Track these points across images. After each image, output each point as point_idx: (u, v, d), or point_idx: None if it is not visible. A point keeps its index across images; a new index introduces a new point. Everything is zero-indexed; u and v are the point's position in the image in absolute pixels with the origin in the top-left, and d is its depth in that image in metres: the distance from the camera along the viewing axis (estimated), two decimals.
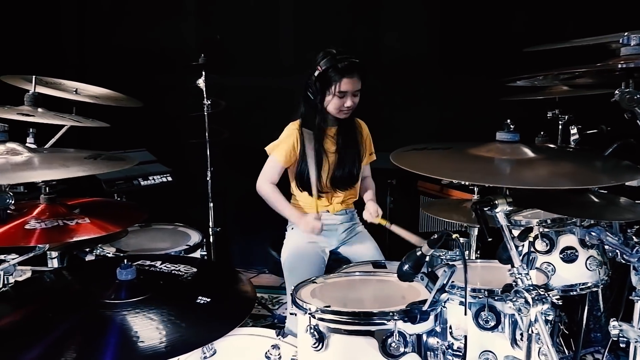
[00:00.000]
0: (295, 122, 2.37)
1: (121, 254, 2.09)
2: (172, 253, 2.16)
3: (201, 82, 3.09)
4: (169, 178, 2.90)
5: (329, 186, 2.38)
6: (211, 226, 3.22)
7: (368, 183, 2.57)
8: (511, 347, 1.51)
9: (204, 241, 2.30)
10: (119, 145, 2.65)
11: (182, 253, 2.17)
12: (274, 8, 3.73)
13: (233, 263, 3.90)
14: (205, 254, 2.31)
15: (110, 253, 2.10)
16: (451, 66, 3.52)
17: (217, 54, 3.25)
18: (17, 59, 3.09)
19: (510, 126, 1.33)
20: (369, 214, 2.36)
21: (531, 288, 1.20)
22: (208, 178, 3.20)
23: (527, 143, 1.38)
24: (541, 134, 2.53)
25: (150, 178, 2.83)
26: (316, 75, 2.25)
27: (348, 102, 2.27)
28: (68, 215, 1.54)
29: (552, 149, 1.80)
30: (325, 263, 2.36)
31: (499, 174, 1.25)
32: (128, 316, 1.17)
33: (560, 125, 2.63)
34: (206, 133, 3.16)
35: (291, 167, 2.40)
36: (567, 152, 1.78)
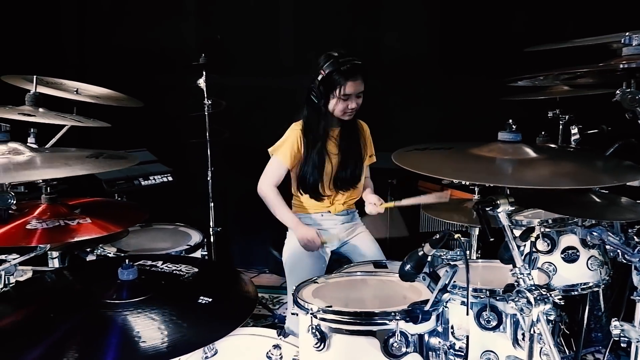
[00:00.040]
0: (298, 123, 2.37)
1: (122, 254, 2.09)
2: (173, 253, 2.16)
3: (202, 82, 3.09)
4: (170, 178, 2.90)
5: (332, 187, 2.39)
6: (212, 226, 3.22)
7: (366, 183, 2.57)
8: (513, 347, 1.51)
9: (205, 241, 2.30)
10: (120, 145, 2.63)
11: (183, 253, 2.16)
12: (274, 8, 3.72)
13: (233, 263, 3.90)
14: (206, 254, 2.31)
15: (111, 253, 2.10)
16: (451, 66, 3.52)
17: (218, 54, 3.25)
18: (18, 59, 3.09)
19: (512, 126, 1.33)
20: (373, 205, 2.35)
21: (533, 288, 1.20)
22: (209, 178, 3.20)
23: (529, 143, 1.38)
24: (542, 134, 2.53)
25: (150, 178, 2.83)
26: (319, 79, 2.25)
27: (352, 104, 2.28)
28: (69, 215, 1.53)
29: (554, 149, 1.80)
30: (326, 263, 2.37)
31: (501, 174, 1.25)
32: (130, 316, 1.17)
33: (560, 125, 2.64)
34: (207, 133, 3.16)
35: (293, 169, 2.39)
36: (569, 152, 1.78)
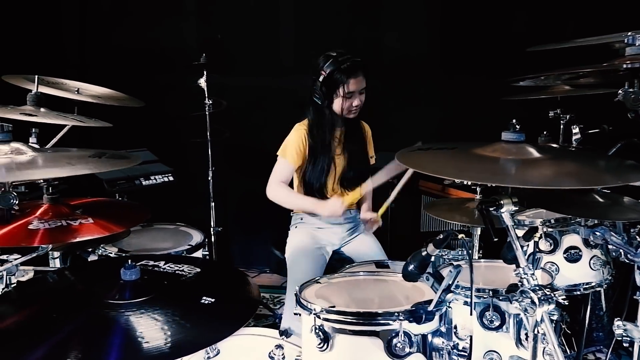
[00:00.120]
0: (302, 123, 2.36)
1: (123, 254, 2.09)
2: (174, 253, 2.16)
3: (202, 82, 3.08)
4: (171, 178, 2.89)
5: (338, 188, 2.38)
6: (212, 226, 3.21)
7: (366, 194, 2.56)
8: (516, 347, 1.51)
9: (206, 241, 2.30)
10: (121, 145, 2.63)
11: (184, 253, 2.16)
12: (274, 8, 3.72)
13: (234, 263, 3.90)
14: (207, 254, 2.31)
15: (112, 253, 2.10)
16: (451, 66, 3.52)
17: (218, 54, 3.25)
18: (18, 59, 3.09)
19: (515, 126, 1.32)
20: (370, 223, 2.41)
21: (537, 288, 1.19)
22: (209, 178, 3.20)
23: (532, 143, 1.38)
24: (544, 134, 2.53)
25: (151, 178, 2.82)
26: (321, 80, 2.24)
27: (356, 102, 2.28)
28: (71, 215, 1.53)
29: (557, 149, 1.80)
30: (326, 262, 2.36)
31: (505, 174, 1.25)
32: (132, 317, 1.16)
33: (561, 124, 2.63)
34: (207, 133, 3.16)
35: (298, 170, 2.38)
36: (572, 152, 1.77)
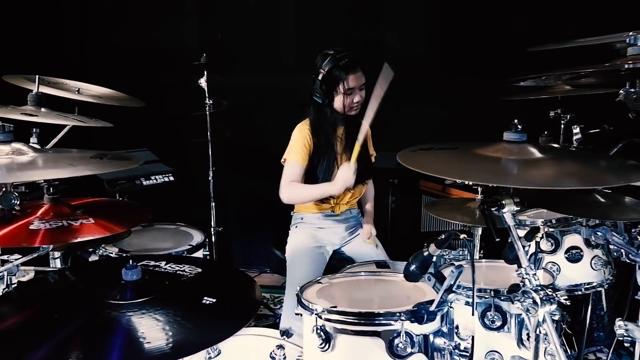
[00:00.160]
0: (304, 122, 2.35)
1: (124, 254, 2.09)
2: (175, 253, 2.16)
3: (203, 82, 3.08)
4: (171, 178, 2.88)
5: None
6: (213, 226, 3.21)
7: (368, 189, 2.56)
8: (517, 347, 1.51)
9: (207, 241, 2.30)
10: (121, 145, 2.63)
11: (185, 253, 2.16)
12: (275, 8, 3.72)
13: (234, 262, 3.89)
14: (207, 254, 2.31)
15: (113, 253, 2.10)
16: (452, 66, 3.51)
17: (218, 54, 3.24)
18: (19, 59, 3.08)
19: (517, 126, 1.32)
20: (365, 236, 2.44)
21: (539, 288, 1.19)
22: (210, 178, 3.20)
23: (534, 143, 1.38)
24: (545, 134, 2.52)
25: (152, 178, 2.82)
26: (320, 78, 2.24)
27: (357, 98, 2.28)
28: (72, 215, 1.53)
29: (558, 149, 1.79)
30: (326, 262, 2.35)
31: (507, 175, 1.25)
32: (134, 317, 1.16)
33: (562, 124, 2.63)
34: (208, 133, 3.16)
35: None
36: (574, 152, 1.77)
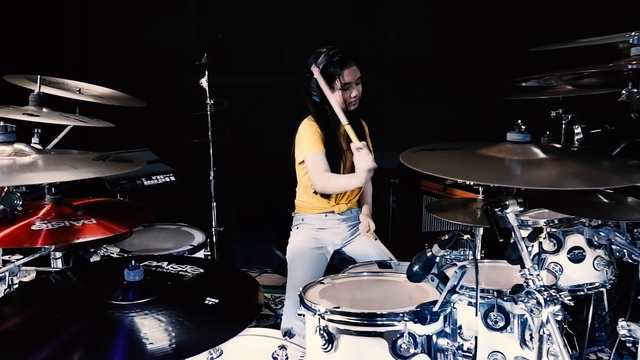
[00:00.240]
0: (308, 118, 2.34)
1: (125, 254, 2.09)
2: (176, 253, 2.16)
3: (204, 82, 3.08)
4: (172, 178, 2.88)
5: None
6: (214, 226, 3.21)
7: (366, 187, 2.56)
8: (520, 348, 1.51)
9: (208, 241, 2.29)
10: (122, 145, 2.63)
11: (186, 253, 2.16)
12: (276, 8, 3.72)
13: (235, 262, 3.89)
14: (209, 254, 2.31)
15: (114, 253, 2.10)
16: (452, 66, 3.52)
17: (219, 54, 3.24)
18: (19, 59, 3.08)
19: (521, 127, 1.32)
20: (364, 229, 2.45)
21: (543, 289, 1.19)
22: (211, 178, 3.19)
23: (537, 143, 1.37)
24: (547, 134, 2.52)
25: (153, 178, 2.81)
26: (315, 77, 2.24)
27: (354, 92, 2.29)
28: (74, 216, 1.52)
29: (562, 149, 1.79)
30: (327, 263, 2.35)
31: (511, 175, 1.24)
32: (136, 317, 1.16)
33: (563, 124, 2.63)
34: (209, 133, 3.15)
35: (306, 169, 2.35)
36: (577, 153, 1.77)
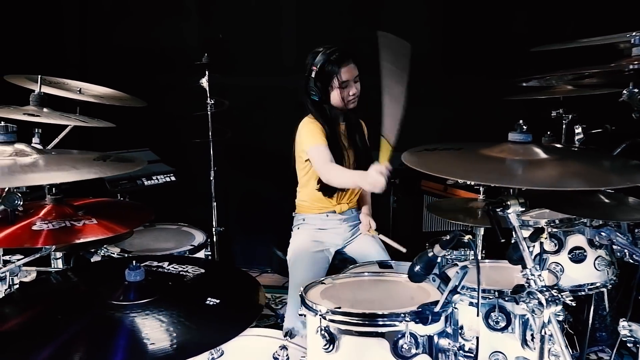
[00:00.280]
0: (308, 117, 2.33)
1: (126, 254, 2.08)
2: (177, 253, 2.15)
3: (204, 82, 3.08)
4: (173, 178, 2.87)
5: None
6: (214, 226, 3.21)
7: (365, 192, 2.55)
8: (521, 348, 1.50)
9: (209, 241, 2.29)
10: (122, 145, 2.63)
11: (187, 253, 2.16)
12: (276, 8, 3.71)
13: (235, 262, 3.89)
14: (209, 254, 2.30)
15: (114, 253, 2.09)
16: (452, 66, 3.52)
17: (219, 54, 3.24)
18: (19, 59, 3.08)
19: (522, 127, 1.32)
20: (365, 229, 2.46)
21: (545, 289, 1.19)
22: (211, 178, 3.19)
23: (538, 143, 1.37)
24: (548, 134, 2.52)
25: (153, 178, 2.80)
26: (314, 75, 2.24)
27: (352, 90, 2.28)
28: (75, 216, 1.52)
29: (563, 150, 1.79)
30: (329, 263, 2.35)
31: (512, 175, 1.24)
32: (137, 318, 1.15)
33: (564, 124, 2.63)
34: (209, 133, 3.15)
35: (308, 168, 2.34)
36: (578, 153, 1.76)
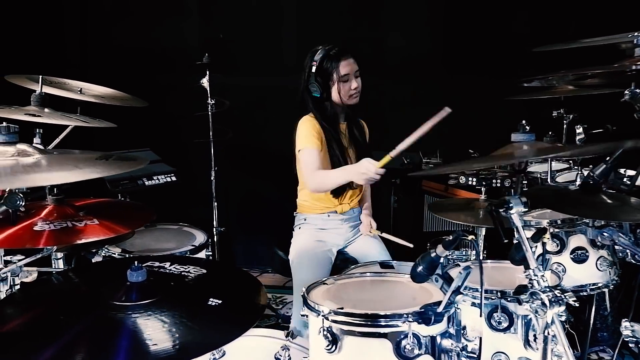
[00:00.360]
0: (308, 115, 2.33)
1: (127, 255, 2.08)
2: (178, 253, 2.15)
3: (205, 82, 3.08)
4: (174, 178, 2.86)
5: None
6: (215, 226, 3.20)
7: (365, 194, 2.56)
8: (524, 349, 1.50)
9: (210, 241, 2.29)
10: (123, 145, 2.62)
11: (188, 253, 2.15)
12: (276, 8, 3.71)
13: (236, 263, 3.89)
14: (210, 254, 2.30)
15: (115, 254, 2.09)
16: (453, 66, 3.52)
17: (220, 54, 3.24)
18: (20, 58, 3.07)
19: (525, 127, 1.32)
20: (366, 227, 2.46)
21: (548, 290, 1.19)
22: (212, 178, 3.19)
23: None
24: (549, 134, 2.53)
25: (154, 178, 2.80)
26: (314, 70, 2.25)
27: (354, 84, 2.28)
28: (76, 216, 1.51)
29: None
30: (332, 263, 2.35)
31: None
32: (140, 319, 1.15)
33: (565, 124, 2.64)
34: (210, 133, 3.15)
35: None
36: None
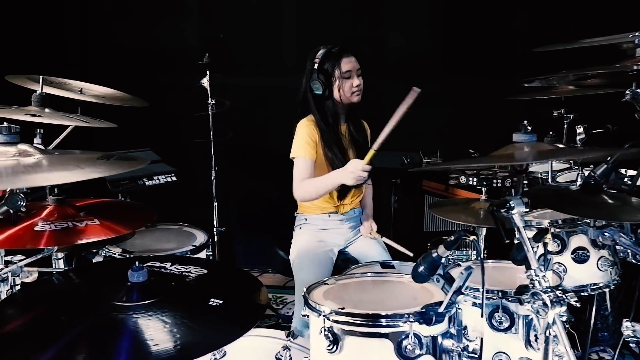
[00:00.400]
0: (306, 118, 2.33)
1: (127, 255, 2.08)
2: (178, 254, 2.15)
3: (205, 82, 3.08)
4: (174, 178, 2.86)
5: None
6: (215, 226, 3.20)
7: (367, 199, 2.56)
8: (525, 349, 1.50)
9: (210, 241, 2.29)
10: (123, 145, 2.62)
11: (188, 253, 2.15)
12: (277, 8, 3.71)
13: (236, 263, 3.89)
14: (211, 255, 2.30)
15: (116, 254, 2.09)
16: (454, 65, 3.52)
17: (220, 54, 3.24)
18: (20, 58, 3.07)
19: (527, 127, 1.32)
20: (366, 229, 2.47)
21: (549, 290, 1.19)
22: (212, 178, 3.19)
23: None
24: (550, 134, 2.53)
25: (155, 178, 2.79)
26: (316, 68, 2.25)
27: (356, 81, 2.28)
28: (77, 216, 1.51)
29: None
30: (333, 263, 2.35)
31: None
32: (141, 319, 1.15)
33: (565, 124, 2.64)
34: (210, 133, 3.15)
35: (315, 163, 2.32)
36: None
